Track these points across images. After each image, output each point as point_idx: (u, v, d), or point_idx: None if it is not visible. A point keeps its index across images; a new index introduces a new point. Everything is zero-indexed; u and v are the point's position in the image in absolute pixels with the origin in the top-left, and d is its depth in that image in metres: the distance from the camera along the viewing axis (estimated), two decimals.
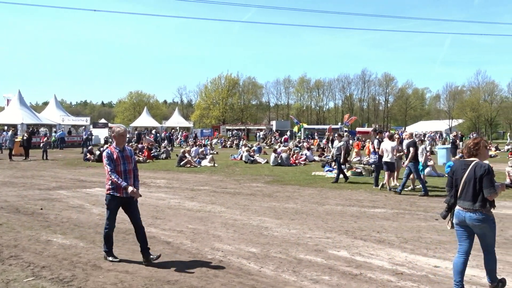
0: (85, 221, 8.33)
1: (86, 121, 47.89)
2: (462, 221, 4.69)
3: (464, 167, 4.78)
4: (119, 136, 5.78)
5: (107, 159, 5.64)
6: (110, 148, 5.79)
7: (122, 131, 5.81)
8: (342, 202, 10.71)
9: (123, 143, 5.85)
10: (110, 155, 5.66)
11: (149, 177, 16.10)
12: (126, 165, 5.74)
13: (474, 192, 4.61)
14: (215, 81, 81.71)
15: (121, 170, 5.65)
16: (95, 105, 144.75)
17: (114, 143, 5.83)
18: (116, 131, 5.81)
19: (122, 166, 5.67)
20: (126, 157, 5.77)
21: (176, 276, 5.20)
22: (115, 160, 5.64)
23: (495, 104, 76.12)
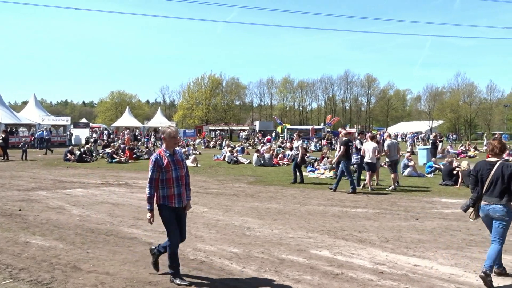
0: (65, 222, 8.21)
1: (67, 121, 47.15)
2: (487, 214, 5.24)
3: (489, 166, 5.31)
4: (170, 138, 5.03)
5: (153, 165, 4.91)
6: (159, 152, 5.05)
7: (173, 132, 5.07)
8: (324, 202, 10.78)
9: (174, 146, 5.12)
10: (158, 161, 4.92)
11: (131, 178, 15.95)
12: (178, 170, 5.02)
13: (501, 188, 5.10)
14: (198, 81, 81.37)
15: (172, 177, 4.94)
16: (76, 105, 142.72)
17: (164, 146, 5.09)
18: (166, 132, 5.04)
19: (173, 172, 4.96)
20: (177, 162, 5.05)
21: (157, 277, 5.16)
22: (165, 167, 4.91)
23: (474, 106, 77.65)
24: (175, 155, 5.07)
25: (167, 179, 4.93)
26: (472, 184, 5.57)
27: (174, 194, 4.99)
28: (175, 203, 5.00)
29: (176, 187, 4.99)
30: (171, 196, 4.97)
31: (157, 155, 5.00)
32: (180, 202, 5.03)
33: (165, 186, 4.95)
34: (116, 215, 8.93)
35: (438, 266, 5.72)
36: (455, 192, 12.88)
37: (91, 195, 11.70)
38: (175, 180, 4.98)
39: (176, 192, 5.00)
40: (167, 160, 4.95)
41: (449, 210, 9.87)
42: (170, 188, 4.96)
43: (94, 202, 10.58)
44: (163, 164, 4.91)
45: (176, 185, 4.99)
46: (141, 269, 5.47)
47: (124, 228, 7.75)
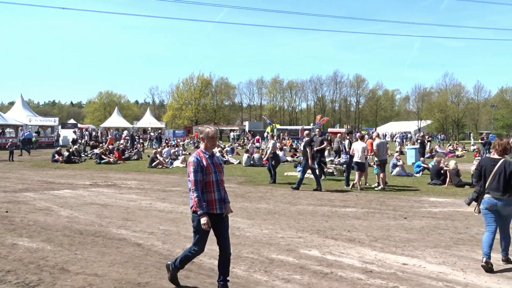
0: (53, 224, 8.13)
1: (55, 122, 46.72)
2: (493, 206, 5.66)
3: (493, 163, 5.81)
4: (209, 139, 4.66)
5: (194, 167, 4.48)
6: (198, 153, 4.64)
7: (212, 132, 4.70)
8: (314, 202, 10.81)
9: (213, 147, 4.75)
10: (199, 162, 4.51)
11: (120, 178, 15.85)
12: (218, 174, 4.62)
13: (504, 183, 5.57)
14: (187, 81, 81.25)
15: (212, 181, 4.54)
16: (64, 105, 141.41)
17: (202, 147, 4.69)
18: (205, 132, 4.68)
19: (213, 175, 4.56)
20: (216, 165, 4.66)
21: (146, 278, 5.13)
22: (205, 168, 4.52)
23: (461, 106, 78.58)
24: (213, 157, 4.70)
25: (207, 183, 4.52)
26: (475, 178, 6.03)
27: (215, 199, 4.56)
28: (216, 209, 4.57)
29: (216, 191, 4.58)
30: (212, 202, 4.54)
31: (196, 155, 4.59)
32: (221, 207, 4.61)
33: (205, 191, 4.52)
34: (104, 216, 8.86)
35: (426, 264, 5.77)
36: (443, 191, 13.00)
37: (79, 196, 11.60)
38: (215, 184, 4.57)
39: (217, 197, 4.57)
40: (206, 162, 4.56)
41: (437, 209, 9.96)
42: (211, 192, 4.55)
43: (83, 203, 10.49)
44: (203, 166, 4.52)
45: (216, 189, 4.58)
46: (130, 270, 5.44)
47: (113, 229, 7.69)
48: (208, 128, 4.75)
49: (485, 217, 5.82)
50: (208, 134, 4.66)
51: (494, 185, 5.66)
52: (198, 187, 4.46)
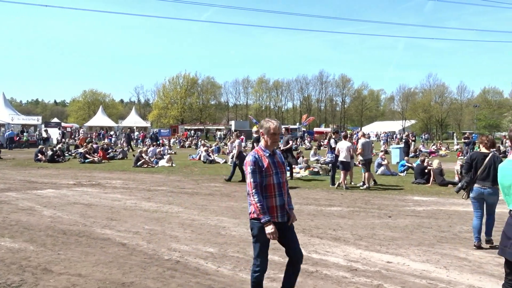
0: (36, 224, 8.01)
1: (38, 120, 46.02)
2: (480, 194, 6.49)
3: (483, 157, 6.55)
4: (270, 135, 4.03)
5: (252, 167, 3.89)
6: (257, 151, 4.05)
7: (275, 127, 4.04)
8: (300, 201, 10.84)
9: (275, 144, 4.12)
10: (257, 161, 3.93)
11: (105, 178, 15.69)
12: (280, 175, 4.02)
13: (494, 175, 6.14)
14: (173, 80, 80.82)
15: (273, 183, 3.94)
16: (47, 104, 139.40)
17: (262, 144, 4.10)
18: (265, 127, 4.06)
19: (274, 177, 3.96)
20: (278, 164, 4.06)
21: (131, 278, 5.09)
22: (266, 169, 3.93)
23: (445, 106, 79.64)
24: (275, 155, 4.09)
25: (267, 186, 3.93)
26: (466, 170, 6.78)
27: (276, 205, 3.95)
28: (278, 217, 3.96)
29: (278, 196, 3.96)
30: (273, 208, 3.93)
31: (254, 154, 4.01)
32: (283, 215, 4.01)
33: (264, 195, 3.91)
34: (88, 216, 8.76)
35: (410, 262, 5.83)
36: (427, 190, 13.16)
37: (63, 195, 11.45)
38: (276, 187, 3.96)
39: (279, 203, 3.96)
40: (267, 161, 3.96)
41: (421, 207, 10.08)
42: (271, 197, 3.94)
43: (66, 203, 10.36)
44: (263, 166, 3.93)
45: (278, 193, 3.96)
46: (114, 270, 5.39)
47: (97, 229, 7.61)
48: (269, 122, 4.11)
49: (473, 204, 6.67)
50: (269, 129, 4.04)
51: (484, 176, 6.43)
52: (258, 190, 3.85)
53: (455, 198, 11.51)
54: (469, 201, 6.71)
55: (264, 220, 3.79)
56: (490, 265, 5.74)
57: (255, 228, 3.93)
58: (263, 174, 3.91)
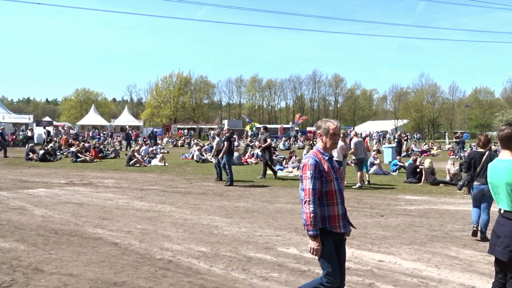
0: (27, 223, 7.95)
1: (29, 119, 45.71)
2: (481, 191, 6.94)
3: (480, 155, 7.02)
4: (330, 136, 3.67)
5: (312, 172, 3.50)
6: (315, 154, 3.63)
7: (335, 127, 3.69)
8: (293, 200, 10.86)
9: (334, 146, 3.76)
10: (318, 165, 3.53)
11: (97, 177, 15.61)
12: (339, 181, 3.67)
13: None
14: (166, 79, 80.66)
15: (335, 190, 3.58)
16: (39, 103, 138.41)
17: (320, 146, 3.71)
18: (324, 127, 3.70)
19: (335, 183, 3.60)
20: (337, 170, 3.71)
21: (123, 278, 5.07)
22: (327, 174, 3.55)
23: (437, 105, 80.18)
24: (332, 160, 3.72)
25: (328, 193, 3.55)
26: (465, 168, 7.27)
27: (339, 214, 3.60)
28: (340, 227, 3.61)
29: (340, 204, 3.62)
30: (335, 218, 3.58)
31: (314, 157, 3.59)
32: (345, 226, 3.68)
33: (325, 203, 3.56)
34: (80, 215, 8.72)
35: (401, 261, 5.86)
36: (419, 189, 13.24)
37: (54, 195, 11.38)
38: (338, 193, 3.61)
39: (341, 212, 3.63)
40: (327, 165, 3.58)
41: (413, 207, 10.14)
42: (333, 205, 3.58)
43: (58, 202, 10.29)
44: (324, 170, 3.54)
45: (340, 201, 3.63)
46: (106, 269, 5.36)
47: (89, 229, 7.58)
48: (328, 122, 3.75)
49: (473, 199, 7.21)
50: (328, 129, 3.67)
51: (482, 173, 6.80)
52: (316, 198, 3.47)
53: (446, 197, 11.60)
54: (459, 201, 6.85)
55: (312, 233, 3.44)
56: (481, 264, 5.79)
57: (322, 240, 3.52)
58: (324, 179, 3.53)
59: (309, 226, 3.43)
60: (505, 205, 3.65)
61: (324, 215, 3.53)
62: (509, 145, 3.78)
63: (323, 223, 3.52)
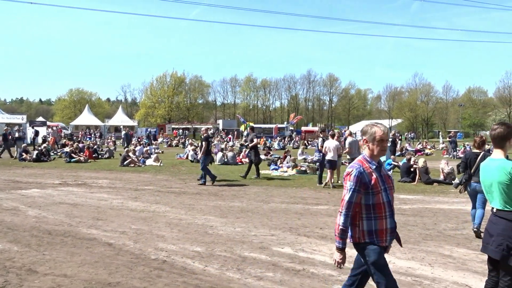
0: (20, 224, 7.91)
1: (22, 119, 45.34)
2: (474, 189, 7.27)
3: (475, 156, 7.31)
4: (378, 142, 3.37)
5: (353, 184, 3.26)
6: (361, 163, 3.37)
7: (382, 132, 3.38)
8: (287, 200, 10.88)
9: (382, 153, 3.42)
10: (362, 177, 3.28)
11: (91, 177, 15.55)
12: (388, 191, 3.38)
13: None
14: (161, 79, 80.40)
15: (383, 202, 3.31)
16: (32, 103, 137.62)
17: (367, 153, 3.43)
18: (370, 133, 3.39)
19: (383, 194, 3.32)
20: (386, 178, 3.40)
21: (117, 278, 5.06)
22: (373, 186, 3.27)
23: (431, 105, 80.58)
24: (381, 168, 3.41)
25: (375, 205, 3.29)
26: (462, 168, 7.60)
27: (387, 228, 3.33)
28: (386, 241, 3.36)
29: (389, 217, 3.34)
30: (382, 232, 3.31)
31: (359, 167, 3.32)
32: (391, 239, 3.43)
33: (373, 216, 3.30)
34: (74, 216, 8.68)
35: (395, 260, 5.89)
36: (413, 188, 13.30)
37: (48, 195, 11.33)
38: (387, 206, 3.33)
39: (390, 225, 3.34)
40: (374, 176, 3.30)
41: (407, 206, 10.19)
42: (381, 218, 3.31)
43: (51, 202, 10.24)
44: (370, 182, 3.27)
45: (389, 214, 3.34)
46: (101, 270, 5.35)
47: (83, 229, 7.55)
48: (375, 126, 3.43)
49: (470, 197, 7.57)
50: (374, 135, 3.37)
51: (477, 173, 6.88)
52: (350, 212, 3.29)
53: (440, 196, 11.66)
54: (453, 200, 6.89)
55: (338, 245, 3.36)
56: (474, 262, 5.83)
57: (371, 252, 3.29)
58: (370, 191, 3.27)
59: (337, 237, 3.35)
60: (498, 204, 3.68)
61: (371, 229, 3.30)
62: (501, 144, 3.81)
63: (370, 237, 3.30)
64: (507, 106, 69.76)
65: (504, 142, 3.80)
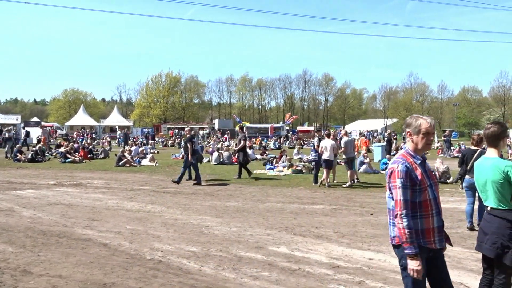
0: (15, 225, 7.87)
1: (17, 120, 45.12)
2: (472, 184, 7.06)
3: (472, 152, 7.57)
4: (423, 135, 3.14)
5: (403, 180, 3.00)
6: (405, 157, 3.13)
7: (428, 125, 3.14)
8: (283, 200, 10.88)
9: (428, 148, 3.20)
10: (409, 172, 3.04)
11: (86, 178, 15.49)
12: (434, 187, 3.13)
13: None
14: (156, 79, 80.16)
15: (429, 199, 3.07)
16: (27, 103, 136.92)
17: (410, 147, 3.20)
18: (415, 125, 3.16)
19: (429, 191, 3.08)
20: (430, 174, 3.17)
21: (113, 278, 5.04)
22: (420, 182, 3.04)
23: (426, 104, 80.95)
24: (425, 163, 3.18)
25: (422, 203, 3.05)
26: (459, 164, 7.97)
27: (434, 227, 3.09)
28: (435, 242, 3.11)
29: (436, 215, 3.10)
30: (429, 231, 3.08)
31: (404, 161, 3.08)
32: (441, 240, 3.16)
33: (419, 214, 3.06)
34: (69, 217, 8.65)
35: (391, 259, 5.90)
36: None
37: (43, 196, 11.28)
38: (433, 203, 3.09)
39: (437, 224, 3.11)
40: (419, 171, 3.07)
41: None
42: (428, 217, 3.07)
43: (46, 203, 10.20)
44: (416, 178, 3.04)
45: (436, 211, 3.10)
46: (96, 270, 5.33)
47: (78, 230, 7.52)
48: (420, 118, 3.18)
49: (466, 193, 7.77)
50: (420, 127, 3.14)
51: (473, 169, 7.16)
52: (409, 211, 3.00)
53: None
54: (448, 198, 6.92)
55: (410, 252, 2.96)
56: (469, 261, 5.86)
57: (406, 257, 3.04)
58: (417, 188, 3.04)
59: (406, 244, 2.96)
60: (492, 203, 3.70)
61: (417, 229, 3.03)
62: (495, 143, 3.83)
63: (416, 238, 3.01)
64: (501, 105, 70.16)
65: (498, 141, 3.82)
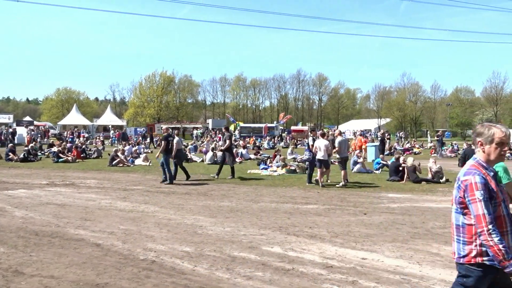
0: (6, 225, 7.81)
1: (9, 119, 44.86)
2: None
3: (472, 152, 7.09)
4: (497, 145, 2.90)
5: (483, 192, 2.76)
6: (478, 169, 2.89)
7: (504, 133, 2.89)
8: (277, 199, 10.88)
9: (501, 159, 2.97)
10: (486, 184, 2.81)
11: (79, 177, 15.41)
12: (506, 203, 2.91)
13: None
14: (150, 78, 79.87)
15: (503, 215, 2.84)
16: (19, 102, 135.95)
17: (482, 157, 2.95)
18: (488, 135, 2.91)
19: (503, 206, 2.86)
20: (501, 189, 2.96)
21: (105, 279, 5.02)
22: (496, 196, 2.83)
23: (419, 104, 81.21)
24: (496, 175, 2.98)
25: (496, 219, 2.79)
26: (460, 163, 7.79)
27: (509, 246, 2.78)
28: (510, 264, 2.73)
29: (510, 233, 2.84)
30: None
31: (479, 173, 2.84)
32: None
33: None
34: (62, 217, 8.59)
35: (384, 258, 5.92)
36: (401, 187, 13.39)
37: (35, 196, 11.20)
38: (508, 220, 2.85)
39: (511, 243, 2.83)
40: (494, 183, 2.86)
41: (395, 204, 10.25)
42: (503, 234, 2.79)
43: (39, 203, 10.13)
44: (493, 191, 2.82)
45: (510, 229, 2.84)
46: (88, 271, 5.30)
47: (71, 230, 7.47)
48: (494, 127, 2.94)
49: None
50: (493, 137, 2.90)
51: None
52: (496, 226, 2.73)
53: (428, 195, 11.76)
54: (441, 198, 6.94)
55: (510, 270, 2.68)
56: None
57: (474, 277, 2.85)
58: (493, 202, 2.80)
59: (504, 262, 2.67)
60: None
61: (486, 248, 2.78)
62: None
63: (488, 256, 2.78)
64: (493, 106, 70.57)
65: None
